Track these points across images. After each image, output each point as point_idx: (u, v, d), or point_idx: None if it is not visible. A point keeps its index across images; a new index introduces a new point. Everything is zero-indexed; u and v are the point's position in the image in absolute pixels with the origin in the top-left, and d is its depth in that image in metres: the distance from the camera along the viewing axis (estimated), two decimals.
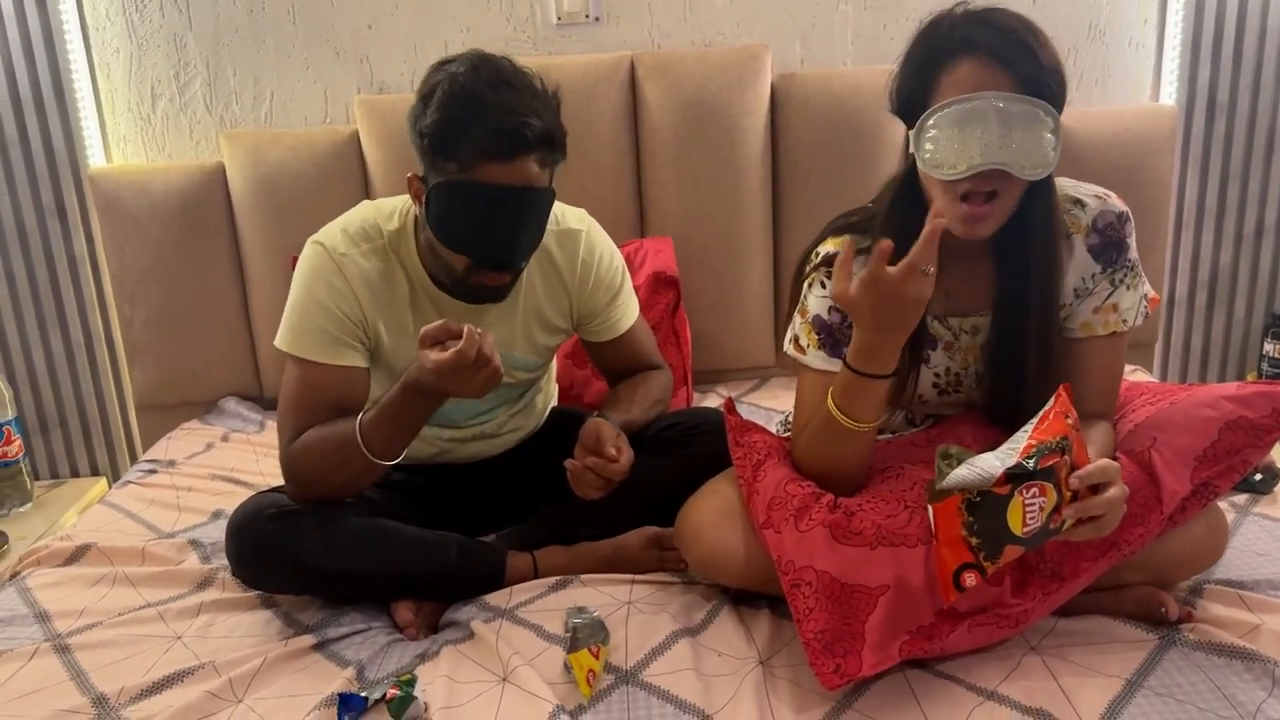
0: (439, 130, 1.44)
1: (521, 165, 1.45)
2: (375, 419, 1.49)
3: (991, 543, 1.16)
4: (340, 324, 1.56)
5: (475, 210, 1.46)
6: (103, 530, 1.88)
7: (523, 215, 1.49)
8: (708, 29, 2.49)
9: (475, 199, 1.46)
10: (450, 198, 1.47)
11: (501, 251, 1.50)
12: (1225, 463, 1.36)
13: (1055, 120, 1.27)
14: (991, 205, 1.30)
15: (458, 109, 1.43)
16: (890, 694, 1.28)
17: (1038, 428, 1.18)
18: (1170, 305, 2.68)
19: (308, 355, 1.56)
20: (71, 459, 2.68)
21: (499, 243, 1.49)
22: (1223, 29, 2.49)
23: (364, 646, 1.45)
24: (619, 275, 1.76)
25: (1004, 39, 1.27)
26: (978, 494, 1.15)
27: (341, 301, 1.56)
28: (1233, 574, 1.50)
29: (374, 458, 1.49)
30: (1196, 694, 1.25)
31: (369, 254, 1.58)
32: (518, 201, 1.47)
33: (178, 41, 2.45)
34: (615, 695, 1.31)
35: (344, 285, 1.56)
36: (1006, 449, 1.18)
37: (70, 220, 2.50)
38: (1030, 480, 1.14)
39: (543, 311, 1.70)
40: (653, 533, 1.64)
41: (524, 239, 1.51)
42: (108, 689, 1.37)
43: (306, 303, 1.56)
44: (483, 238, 1.49)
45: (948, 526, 1.16)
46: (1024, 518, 1.15)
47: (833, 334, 1.43)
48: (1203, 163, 2.57)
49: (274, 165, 2.37)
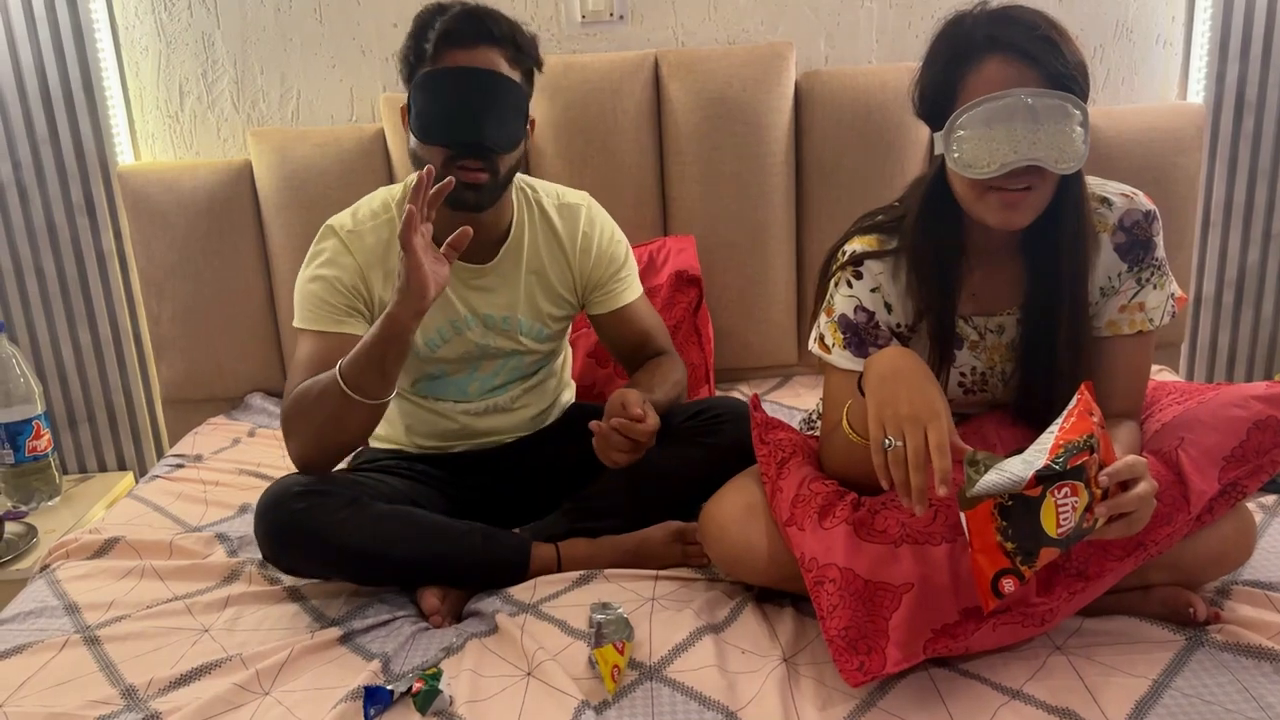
0: (411, 40, 1.60)
1: (485, 52, 1.56)
2: (358, 358, 1.51)
3: (1027, 546, 1.15)
4: (341, 295, 1.64)
5: (443, 94, 1.55)
6: (130, 524, 1.90)
7: (489, 97, 1.56)
8: (732, 27, 2.49)
9: (442, 83, 1.55)
10: (422, 91, 1.57)
11: (470, 130, 1.55)
12: (1254, 463, 1.35)
13: (1084, 113, 1.26)
14: (1025, 194, 1.29)
15: (426, 16, 1.60)
16: (915, 692, 1.28)
17: (1063, 428, 1.17)
18: (1197, 304, 2.66)
19: (312, 326, 1.64)
20: (99, 453, 2.70)
21: (467, 122, 1.55)
22: (1251, 27, 2.47)
23: (390, 639, 1.46)
24: (621, 249, 1.83)
25: (1029, 35, 1.26)
26: (1009, 498, 1.14)
27: (342, 273, 1.65)
28: (1261, 575, 1.49)
29: (355, 392, 1.50)
30: (1224, 695, 1.24)
31: (375, 228, 1.68)
32: (483, 82, 1.55)
33: (206, 40, 2.47)
34: (639, 691, 1.31)
35: (348, 259, 1.65)
36: (1034, 451, 1.17)
37: (99, 217, 2.53)
38: (1061, 480, 1.13)
39: (546, 276, 1.75)
40: (676, 527, 1.65)
41: (492, 119, 1.56)
42: (137, 680, 1.39)
43: (311, 278, 1.66)
44: (452, 119, 1.55)
45: (982, 533, 1.15)
46: (1058, 519, 1.14)
47: (858, 333, 1.43)
48: (1230, 161, 2.55)
49: (300, 163, 2.39)
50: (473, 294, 1.71)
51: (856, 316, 1.43)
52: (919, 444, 1.18)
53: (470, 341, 1.73)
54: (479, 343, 1.73)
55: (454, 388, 1.77)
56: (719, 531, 1.51)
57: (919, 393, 1.22)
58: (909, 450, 1.19)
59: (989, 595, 1.16)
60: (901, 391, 1.22)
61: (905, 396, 1.22)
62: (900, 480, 1.20)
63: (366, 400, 1.52)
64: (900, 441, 1.20)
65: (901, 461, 1.20)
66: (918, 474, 1.18)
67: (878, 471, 1.22)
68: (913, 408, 1.21)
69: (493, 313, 1.72)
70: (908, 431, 1.19)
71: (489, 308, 1.72)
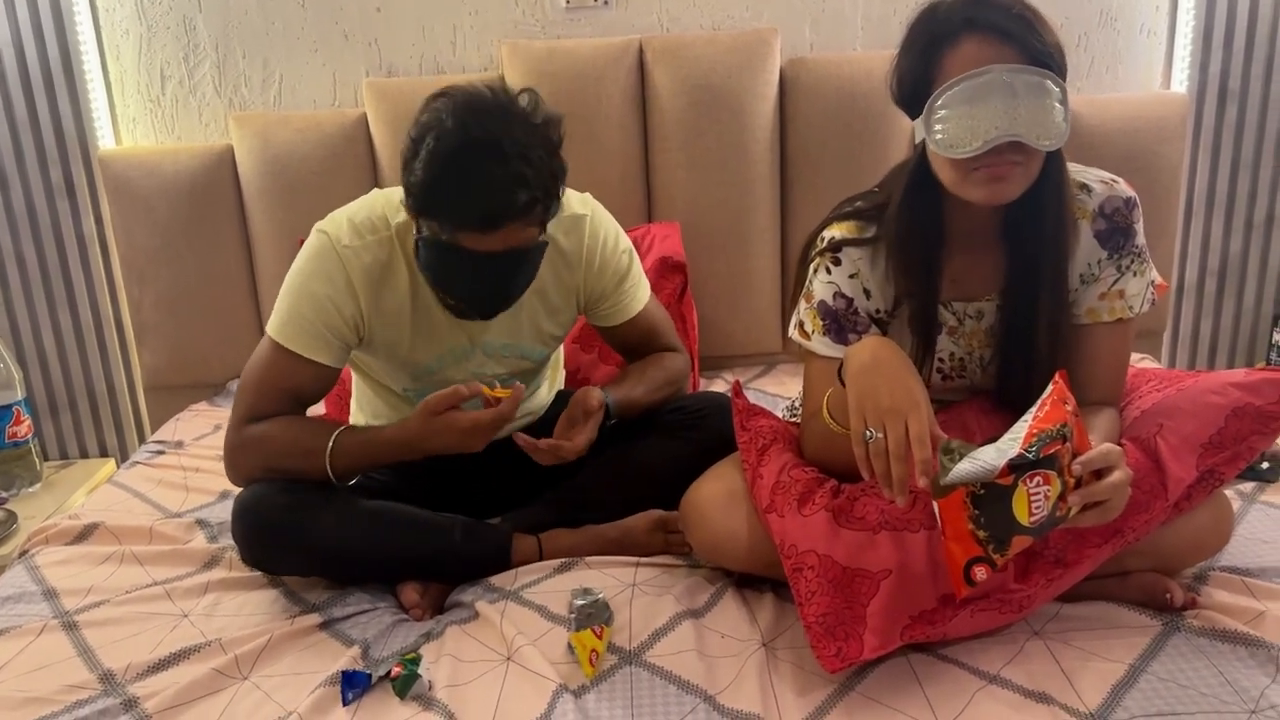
0: (422, 195, 1.43)
1: (507, 233, 1.43)
2: (351, 453, 1.52)
3: (999, 534, 1.15)
4: (328, 320, 1.55)
5: (461, 269, 1.47)
6: (111, 510, 1.89)
7: (510, 272, 1.50)
8: (717, 13, 2.49)
9: (461, 260, 1.45)
10: (435, 254, 1.47)
11: (489, 304, 1.53)
12: (1231, 449, 1.36)
13: (1063, 91, 1.27)
14: (1012, 167, 1.28)
15: (443, 175, 1.40)
16: (893, 677, 1.28)
17: (1037, 416, 1.18)
18: (1179, 293, 2.67)
19: (286, 342, 1.56)
20: (80, 440, 2.69)
21: (487, 297, 1.51)
22: (1235, 17, 2.47)
23: (369, 626, 1.46)
24: (626, 257, 1.75)
25: (1005, 15, 1.27)
26: (981, 487, 1.15)
27: (336, 295, 1.55)
28: (1238, 561, 1.50)
29: (335, 476, 1.53)
30: (1200, 679, 1.25)
31: (373, 245, 1.56)
32: (505, 262, 1.47)
33: (187, 24, 2.45)
34: (618, 675, 1.31)
35: (342, 278, 1.55)
36: (1007, 439, 1.17)
37: (80, 201, 2.51)
38: (1033, 469, 1.14)
39: (549, 298, 1.69)
40: (658, 516, 1.65)
41: (513, 290, 1.53)
42: (115, 665, 1.38)
43: (299, 292, 1.56)
44: (470, 292, 1.51)
45: (954, 521, 1.16)
46: (1030, 507, 1.14)
47: (837, 320, 1.43)
48: (1213, 151, 2.56)
49: (282, 148, 2.37)
50: (474, 325, 1.64)
51: (835, 303, 1.43)
52: (899, 435, 1.18)
53: (468, 369, 1.69)
54: (477, 370, 1.69)
55: None
56: (700, 518, 1.51)
57: (899, 384, 1.22)
58: (889, 442, 1.19)
59: (961, 583, 1.17)
60: (882, 383, 1.22)
61: (885, 388, 1.22)
62: (881, 471, 1.20)
63: (343, 482, 1.54)
64: (881, 433, 1.20)
65: (882, 453, 1.20)
66: (898, 465, 1.19)
67: (859, 462, 1.23)
68: (893, 399, 1.21)
69: (493, 340, 1.67)
70: (888, 423, 1.20)
71: (490, 335, 1.66)
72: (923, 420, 1.19)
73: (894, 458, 1.19)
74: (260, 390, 1.57)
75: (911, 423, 1.19)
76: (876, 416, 1.21)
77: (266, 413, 1.57)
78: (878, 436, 1.20)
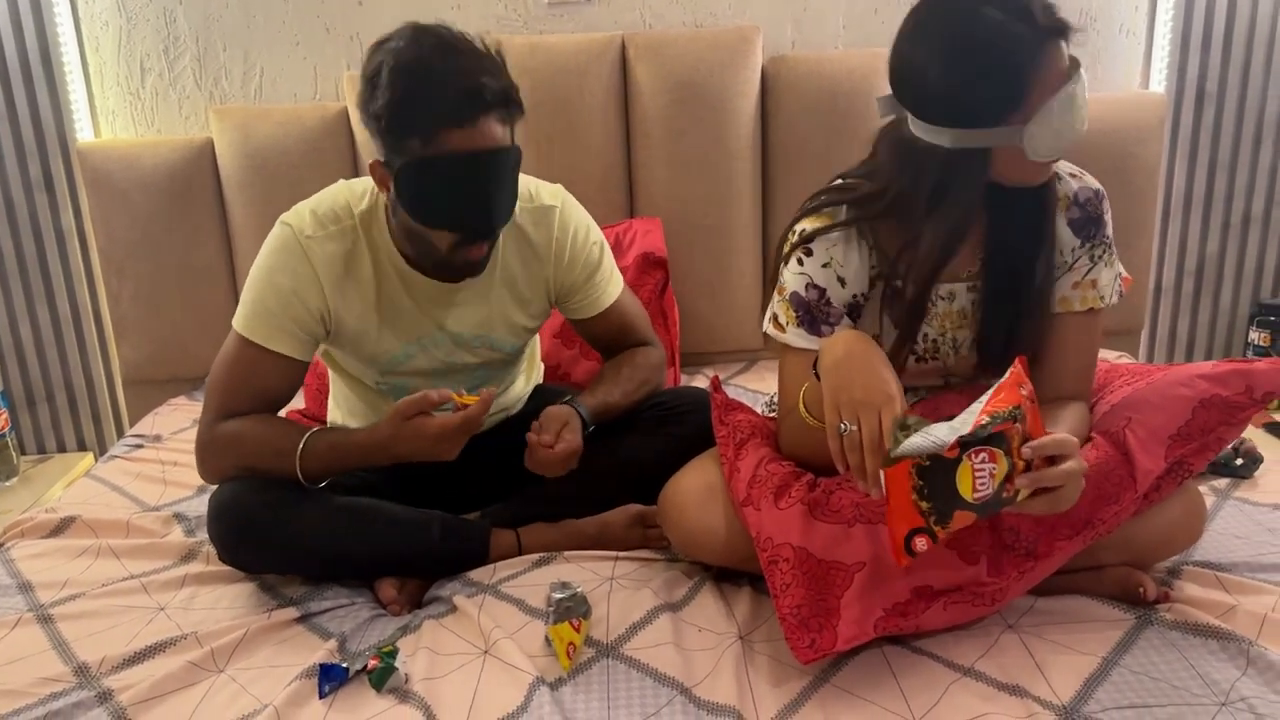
0: (394, 108, 1.40)
1: (484, 127, 1.42)
2: (321, 457, 1.51)
3: (941, 507, 1.16)
4: (292, 312, 1.55)
5: (448, 184, 1.44)
6: (88, 503, 1.88)
7: (496, 178, 1.47)
8: (699, 10, 2.49)
9: (445, 172, 1.43)
10: (420, 177, 1.44)
11: (482, 219, 1.48)
12: (1199, 440, 1.37)
13: None
14: None
15: (409, 82, 1.39)
16: (867, 669, 1.29)
17: (993, 398, 1.19)
18: (1157, 292, 2.69)
19: (251, 335, 1.55)
20: (58, 434, 2.67)
21: (478, 211, 1.47)
22: (1213, 18, 2.49)
23: (347, 619, 1.46)
24: (596, 250, 1.74)
25: (1056, 15, 1.28)
26: (927, 459, 1.16)
27: (300, 287, 1.54)
28: (1211, 556, 1.51)
29: (305, 478, 1.52)
30: (1171, 672, 1.26)
31: (336, 235, 1.56)
32: (488, 166, 1.45)
33: (168, 16, 2.44)
34: (595, 668, 1.32)
35: (307, 270, 1.54)
36: (961, 418, 1.19)
37: (58, 194, 2.49)
38: (980, 446, 1.15)
39: (518, 289, 1.68)
40: (636, 511, 1.65)
41: (501, 202, 1.49)
42: (89, 658, 1.38)
43: (264, 285, 1.55)
44: (461, 209, 1.47)
45: (899, 491, 1.17)
46: (974, 483, 1.15)
47: (810, 311, 1.43)
48: (1191, 151, 2.58)
49: (263, 141, 2.36)
50: (442, 311, 1.64)
51: (808, 294, 1.43)
52: (873, 428, 1.20)
53: (438, 358, 1.68)
54: (447, 360, 1.69)
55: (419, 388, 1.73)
56: (677, 512, 1.51)
57: (873, 377, 1.23)
58: (864, 435, 1.20)
59: (901, 552, 1.18)
60: (856, 376, 1.23)
61: (860, 381, 1.23)
62: (855, 464, 1.22)
63: (314, 484, 1.53)
64: (855, 426, 1.21)
65: (857, 446, 1.21)
66: (872, 458, 1.19)
67: (834, 455, 1.23)
68: (867, 392, 1.22)
69: (463, 330, 1.66)
70: (862, 416, 1.21)
71: (459, 325, 1.66)
72: (896, 413, 1.20)
73: (868, 451, 1.20)
74: (229, 386, 1.57)
75: (885, 415, 1.20)
76: (851, 410, 1.22)
77: (237, 409, 1.56)
78: (852, 429, 1.21)
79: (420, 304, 1.62)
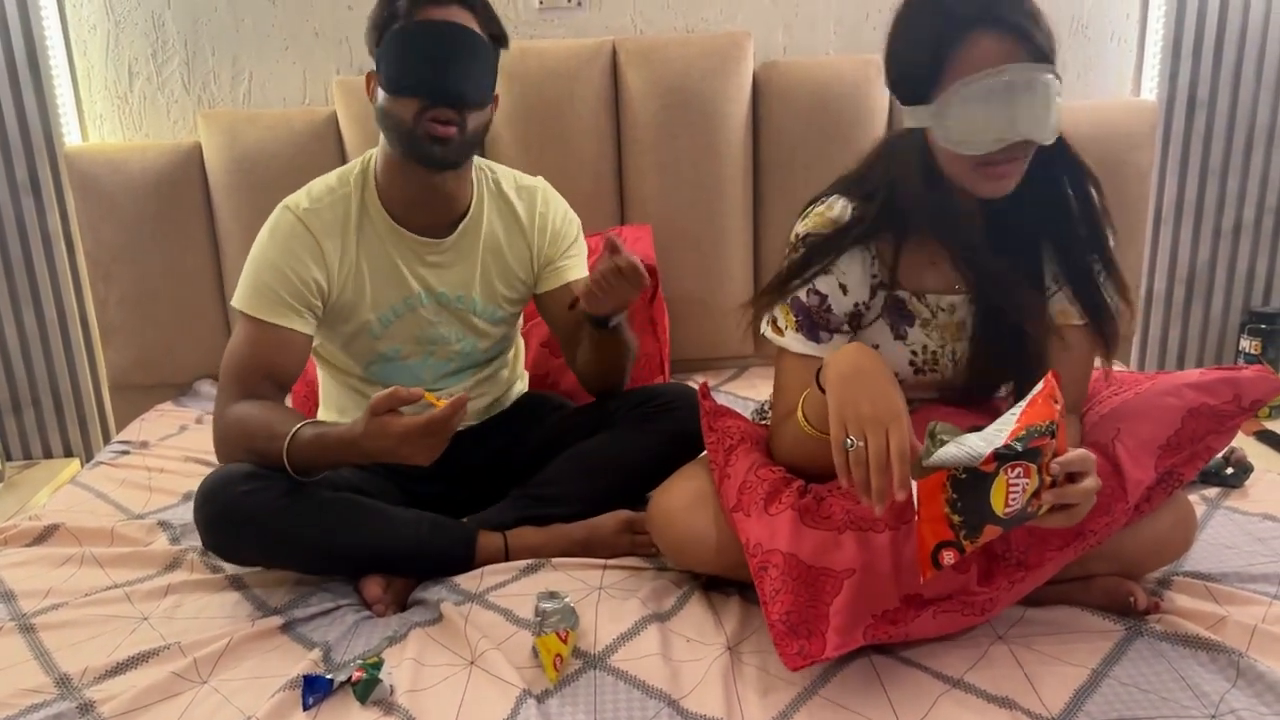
0: (382, 5, 1.58)
1: (457, 10, 1.56)
2: (306, 446, 1.49)
3: (973, 520, 1.15)
4: (291, 287, 1.61)
5: (417, 50, 1.55)
6: (72, 511, 1.87)
7: (462, 51, 1.56)
8: (690, 15, 2.49)
9: (415, 38, 1.54)
10: (394, 48, 1.56)
11: (443, 81, 1.55)
12: (1189, 450, 1.37)
13: (1059, 86, 1.29)
14: (1013, 164, 1.30)
15: None
16: (857, 681, 1.28)
17: (1026, 411, 1.18)
18: (1148, 300, 2.69)
19: (257, 314, 1.61)
20: (44, 439, 2.66)
21: (441, 75, 1.55)
22: (1204, 26, 2.50)
23: (332, 627, 1.45)
24: (574, 229, 1.84)
25: (1017, 9, 1.26)
26: (963, 471, 1.15)
27: (298, 261, 1.62)
28: (1201, 566, 1.51)
29: (292, 469, 1.51)
30: (1161, 684, 1.25)
31: (329, 205, 1.66)
32: (455, 36, 1.55)
33: (156, 20, 2.43)
34: (582, 680, 1.31)
35: (307, 239, 1.63)
36: (994, 430, 1.17)
37: (45, 198, 2.48)
38: (1017, 460, 1.14)
39: (502, 257, 1.75)
40: (625, 516, 1.65)
41: (464, 72, 1.56)
42: (71, 669, 1.36)
43: (263, 263, 1.63)
44: (426, 71, 1.55)
45: (931, 503, 1.15)
46: (1007, 498, 1.14)
47: (810, 316, 1.42)
48: (1182, 159, 2.58)
49: (251, 145, 2.35)
50: (427, 270, 1.70)
51: (809, 299, 1.42)
52: (880, 446, 1.18)
53: (423, 319, 1.71)
54: (431, 320, 1.71)
55: (407, 374, 1.74)
56: (666, 520, 1.50)
57: (881, 394, 1.21)
58: (870, 452, 1.18)
59: (928, 564, 1.16)
60: (863, 392, 1.21)
61: (867, 397, 1.21)
62: (860, 480, 1.19)
63: (306, 479, 1.53)
64: (861, 441, 1.19)
65: (863, 462, 1.19)
66: (879, 476, 1.17)
67: (838, 470, 1.21)
68: (874, 409, 1.20)
69: (446, 290, 1.71)
70: (869, 433, 1.18)
71: (443, 285, 1.71)
72: (904, 431, 1.18)
73: (875, 469, 1.17)
74: (239, 367, 1.60)
75: (893, 433, 1.18)
76: (858, 425, 1.20)
77: (245, 387, 1.59)
78: (858, 445, 1.19)
79: (406, 261, 1.68)
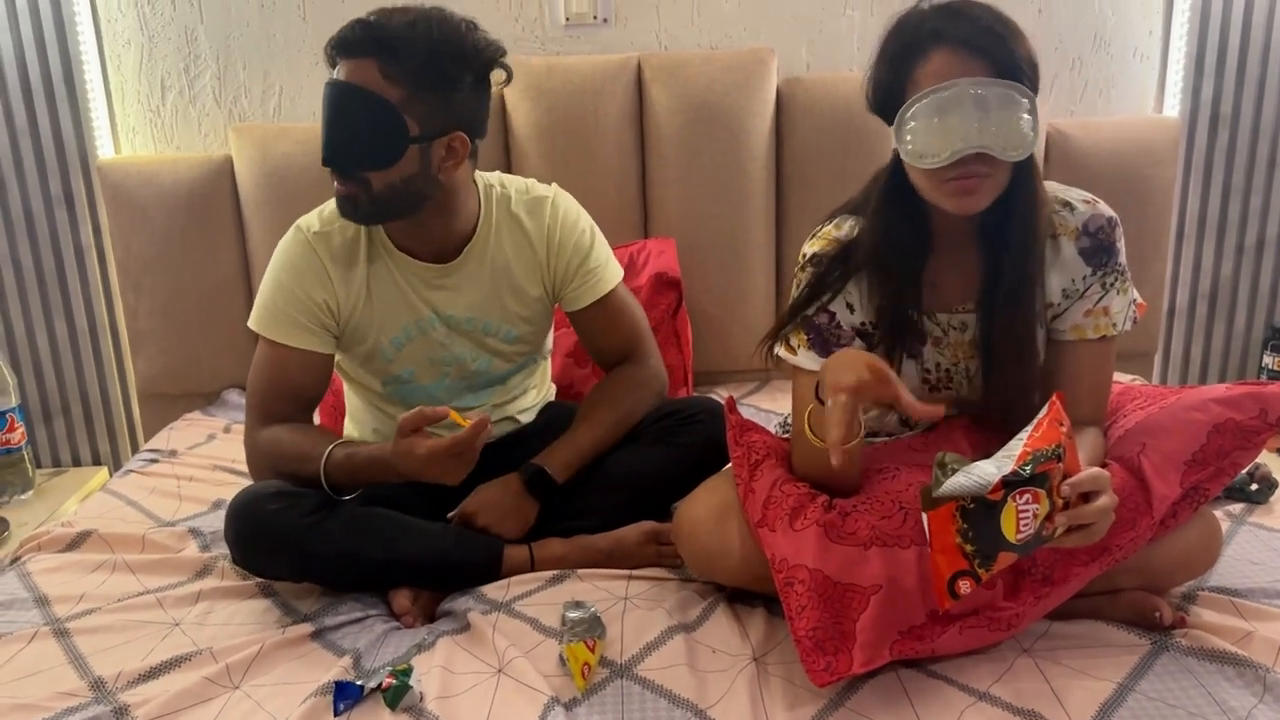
0: None
1: (361, 65, 1.49)
2: (342, 465, 1.54)
3: (986, 549, 1.16)
4: (303, 307, 1.63)
5: (323, 107, 1.53)
6: (103, 517, 1.89)
7: (340, 114, 1.51)
8: (714, 31, 2.51)
9: (324, 98, 1.52)
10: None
11: (325, 147, 1.53)
12: (1214, 466, 1.37)
13: (1032, 102, 1.29)
14: (981, 179, 1.31)
15: None
16: (883, 693, 1.29)
17: (1032, 435, 1.19)
18: (1170, 316, 2.69)
19: (272, 336, 1.64)
20: (74, 447, 2.69)
21: (325, 139, 1.53)
22: (1227, 42, 2.50)
23: (361, 635, 1.46)
24: (587, 234, 1.77)
25: (974, 28, 1.29)
26: (971, 500, 1.15)
27: (307, 284, 1.63)
28: (1227, 581, 1.51)
29: (329, 488, 1.55)
30: (1187, 699, 1.25)
31: (341, 228, 1.65)
32: (339, 98, 1.51)
33: (189, 35, 2.47)
34: (610, 688, 1.32)
35: (314, 263, 1.64)
36: (1001, 456, 1.18)
37: (78, 210, 2.51)
38: (1024, 487, 1.15)
39: (513, 276, 1.72)
40: (650, 528, 1.66)
41: (342, 138, 1.52)
42: (105, 673, 1.38)
43: (274, 286, 1.65)
44: (323, 133, 1.53)
45: (942, 534, 1.17)
46: (1018, 524, 1.15)
47: (821, 334, 1.44)
48: (1205, 175, 2.58)
49: (281, 159, 2.38)
50: (435, 294, 1.69)
51: (819, 317, 1.44)
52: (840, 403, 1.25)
53: (435, 342, 1.71)
54: (443, 343, 1.71)
55: (423, 394, 1.74)
56: (692, 532, 1.51)
57: (857, 358, 1.28)
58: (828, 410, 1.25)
59: (945, 595, 1.18)
60: (843, 360, 1.29)
61: (846, 364, 1.28)
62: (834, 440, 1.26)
63: (340, 495, 1.56)
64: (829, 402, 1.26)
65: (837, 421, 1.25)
66: (835, 429, 1.24)
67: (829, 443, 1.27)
68: (840, 372, 1.27)
69: (455, 313, 1.70)
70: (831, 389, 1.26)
71: (452, 308, 1.70)
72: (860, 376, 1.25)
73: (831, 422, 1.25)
74: (262, 389, 1.64)
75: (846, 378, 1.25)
76: (834, 391, 1.26)
77: (272, 412, 1.63)
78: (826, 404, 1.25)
79: (412, 285, 1.68)
